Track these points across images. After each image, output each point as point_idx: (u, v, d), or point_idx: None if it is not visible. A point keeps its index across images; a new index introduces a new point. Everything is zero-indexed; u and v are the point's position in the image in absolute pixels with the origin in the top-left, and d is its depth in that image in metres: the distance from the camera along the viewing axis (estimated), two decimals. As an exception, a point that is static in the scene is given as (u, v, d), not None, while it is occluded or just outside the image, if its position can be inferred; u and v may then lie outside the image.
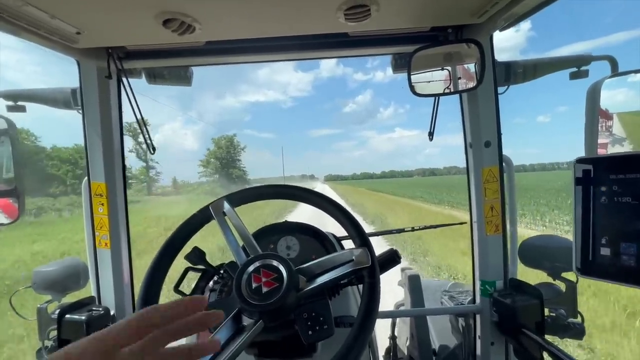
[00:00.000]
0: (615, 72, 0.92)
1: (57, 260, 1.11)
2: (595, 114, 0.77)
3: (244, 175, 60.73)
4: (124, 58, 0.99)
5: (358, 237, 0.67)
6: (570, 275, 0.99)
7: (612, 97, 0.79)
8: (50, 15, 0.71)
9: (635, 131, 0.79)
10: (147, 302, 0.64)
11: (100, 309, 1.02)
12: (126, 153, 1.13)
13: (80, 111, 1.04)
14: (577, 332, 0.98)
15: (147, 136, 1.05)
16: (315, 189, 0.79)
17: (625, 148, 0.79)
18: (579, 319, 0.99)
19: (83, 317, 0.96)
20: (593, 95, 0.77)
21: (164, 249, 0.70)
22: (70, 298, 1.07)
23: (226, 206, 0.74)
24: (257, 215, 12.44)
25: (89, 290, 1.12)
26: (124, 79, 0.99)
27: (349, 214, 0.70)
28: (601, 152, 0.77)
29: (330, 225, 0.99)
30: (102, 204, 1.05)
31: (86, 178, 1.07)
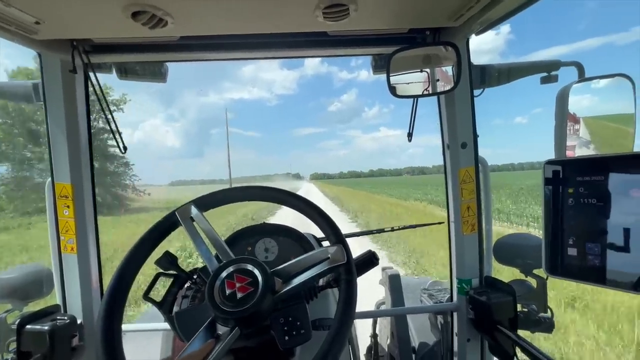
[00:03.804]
0: (582, 77, 0.96)
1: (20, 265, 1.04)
2: (564, 117, 0.80)
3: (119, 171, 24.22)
4: (90, 52, 0.93)
5: (333, 235, 0.66)
6: (541, 272, 1.03)
7: (579, 102, 0.83)
8: (4, 2, 0.66)
9: (598, 134, 0.83)
10: (110, 313, 0.60)
11: (66, 317, 0.96)
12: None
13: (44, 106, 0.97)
14: (547, 326, 1.02)
15: (117, 134, 0.99)
16: (300, 189, 0.77)
17: (590, 150, 0.83)
18: (548, 314, 1.04)
19: (46, 327, 0.90)
20: (562, 99, 0.81)
21: (126, 261, 0.65)
22: (35, 307, 1.00)
23: (194, 211, 0.70)
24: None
25: (55, 298, 1.05)
26: (91, 74, 0.93)
27: (323, 211, 0.69)
28: (569, 154, 0.80)
29: (314, 227, 0.98)
30: (68, 206, 0.99)
31: (50, 179, 1.00)
